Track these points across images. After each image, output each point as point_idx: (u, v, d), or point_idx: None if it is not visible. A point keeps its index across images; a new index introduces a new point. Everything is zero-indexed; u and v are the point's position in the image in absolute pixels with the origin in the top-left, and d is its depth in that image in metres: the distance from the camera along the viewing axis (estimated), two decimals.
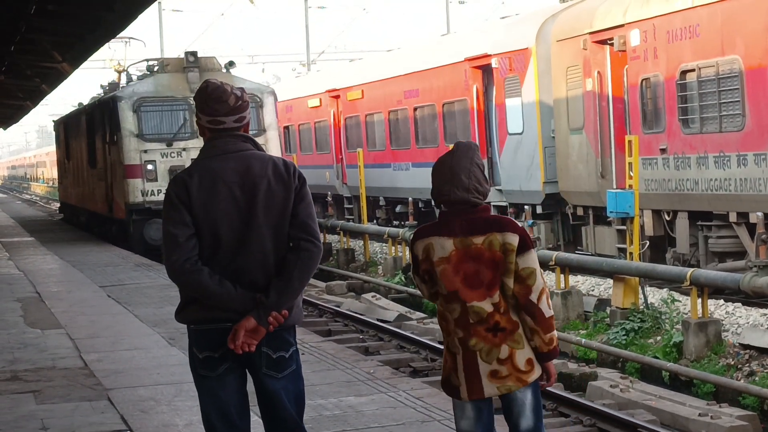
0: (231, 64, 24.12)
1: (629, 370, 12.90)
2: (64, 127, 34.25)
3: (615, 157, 17.72)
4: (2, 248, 23.85)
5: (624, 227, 16.04)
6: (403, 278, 20.68)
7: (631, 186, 15.26)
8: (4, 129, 54.00)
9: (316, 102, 31.86)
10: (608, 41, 17.57)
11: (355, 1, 68.48)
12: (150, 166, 22.73)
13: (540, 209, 19.74)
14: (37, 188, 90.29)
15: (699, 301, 12.99)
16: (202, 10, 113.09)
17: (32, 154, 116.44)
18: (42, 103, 40.24)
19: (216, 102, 4.66)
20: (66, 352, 10.57)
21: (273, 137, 23.37)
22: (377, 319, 16.08)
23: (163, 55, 28.17)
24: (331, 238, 26.37)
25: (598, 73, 17.88)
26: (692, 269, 13.25)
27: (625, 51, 17.11)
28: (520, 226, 4.75)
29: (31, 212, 47.43)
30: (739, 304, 14.55)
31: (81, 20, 17.47)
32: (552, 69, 19.24)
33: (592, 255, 17.72)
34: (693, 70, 15.58)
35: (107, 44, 21.52)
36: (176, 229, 4.57)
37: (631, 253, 15.25)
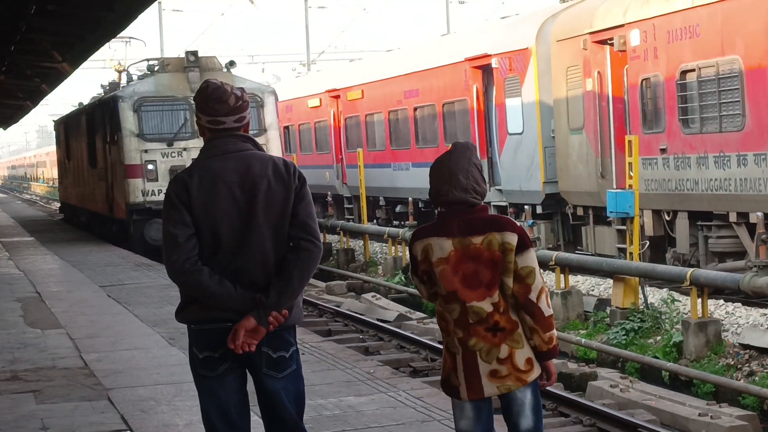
0: (231, 64, 24.09)
1: (629, 370, 12.90)
2: (65, 127, 34.24)
3: (615, 157, 17.72)
4: (2, 248, 23.85)
5: (624, 227, 16.04)
6: (403, 278, 20.68)
7: (631, 186, 15.26)
8: (4, 129, 54.02)
9: (316, 102, 31.86)
10: (608, 41, 17.58)
11: (355, 1, 68.50)
12: (150, 166, 22.72)
13: (540, 209, 19.74)
14: (37, 188, 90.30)
15: (699, 301, 12.98)
16: (202, 10, 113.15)
17: (32, 154, 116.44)
18: (42, 103, 40.26)
19: (216, 102, 4.66)
20: (66, 352, 10.57)
21: (274, 137, 23.36)
22: (377, 319, 16.08)
23: (164, 55, 28.15)
24: (331, 238, 26.37)
25: (598, 73, 17.88)
26: (692, 269, 13.25)
27: (625, 51, 17.12)
28: (518, 225, 4.76)
29: (31, 212, 47.44)
30: (739, 304, 14.55)
31: (81, 20, 17.47)
32: (552, 69, 19.24)
33: (592, 255, 17.72)
34: (693, 70, 15.59)
35: (107, 44, 21.52)
36: (176, 229, 4.57)
37: (631, 253, 15.25)
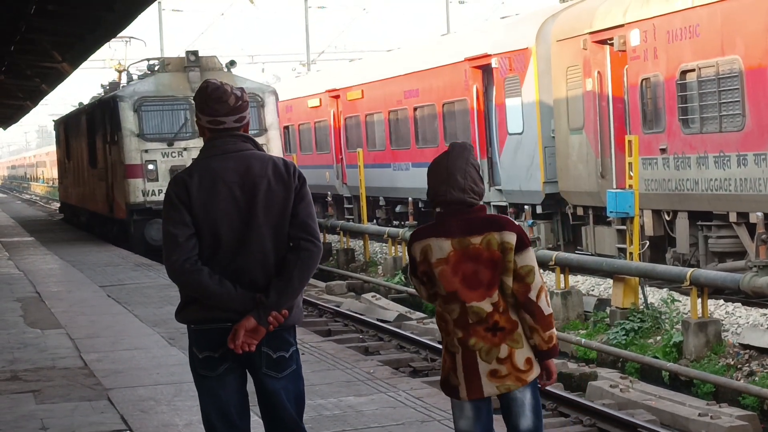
0: (232, 64, 24.04)
1: (629, 370, 12.90)
2: (65, 127, 34.23)
3: (615, 157, 17.73)
4: (2, 248, 23.85)
5: (624, 227, 16.04)
6: (403, 278, 20.68)
7: (631, 186, 15.26)
8: (4, 129, 54.02)
9: (316, 102, 31.86)
10: (608, 41, 17.58)
11: (355, 1, 68.55)
12: (151, 166, 22.70)
13: (540, 209, 19.74)
14: (37, 188, 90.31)
15: (699, 301, 12.98)
16: (202, 10, 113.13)
17: (32, 154, 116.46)
18: (42, 103, 40.27)
19: (216, 102, 4.66)
20: (66, 352, 10.57)
21: (274, 137, 23.34)
22: (377, 319, 16.08)
23: (164, 56, 28.13)
24: (331, 238, 26.36)
25: (598, 73, 17.88)
26: (692, 269, 13.25)
27: (625, 51, 17.12)
28: (516, 224, 4.76)
29: (31, 212, 47.43)
30: (739, 304, 14.55)
31: (81, 20, 17.47)
32: (552, 69, 19.24)
33: (592, 255, 17.72)
34: (693, 70, 15.59)
35: (107, 44, 21.51)
36: (176, 229, 4.57)
37: (631, 253, 15.25)
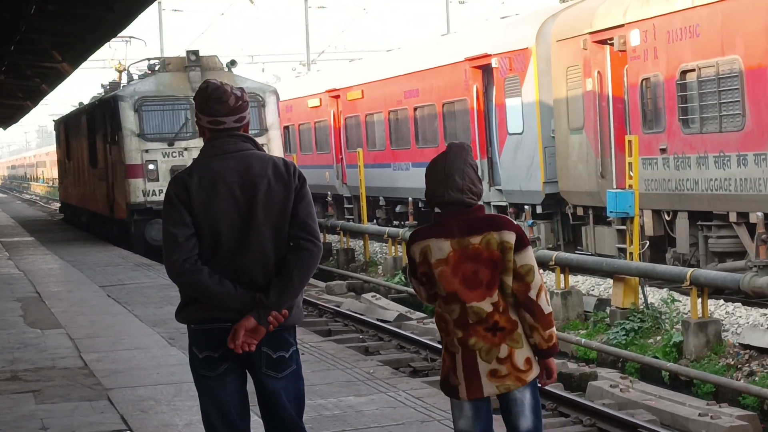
0: (233, 63, 23.99)
1: (629, 370, 12.90)
2: (65, 127, 34.21)
3: (615, 157, 17.73)
4: (2, 248, 23.85)
5: (624, 227, 16.04)
6: (403, 278, 20.68)
7: (631, 186, 15.26)
8: (4, 129, 54.04)
9: (316, 102, 31.86)
10: (608, 41, 17.58)
11: (355, 1, 68.54)
12: (151, 166, 22.67)
13: (540, 209, 19.74)
14: (37, 188, 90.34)
15: (699, 301, 12.98)
16: (202, 10, 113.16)
17: (32, 154, 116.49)
18: (42, 103, 40.28)
19: (216, 102, 4.66)
20: (66, 352, 10.57)
21: (275, 137, 23.31)
22: (377, 319, 16.08)
23: (164, 56, 28.12)
24: (331, 238, 26.36)
25: (598, 73, 17.88)
26: (692, 269, 13.25)
27: (625, 51, 17.12)
28: (515, 223, 4.76)
29: (31, 212, 47.44)
30: (739, 304, 14.55)
31: (81, 20, 17.48)
32: (552, 69, 19.24)
33: (592, 255, 17.72)
34: (693, 70, 15.59)
35: (107, 43, 21.50)
36: (176, 228, 4.57)
37: (631, 253, 15.25)
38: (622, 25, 17.09)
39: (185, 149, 22.67)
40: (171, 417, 7.74)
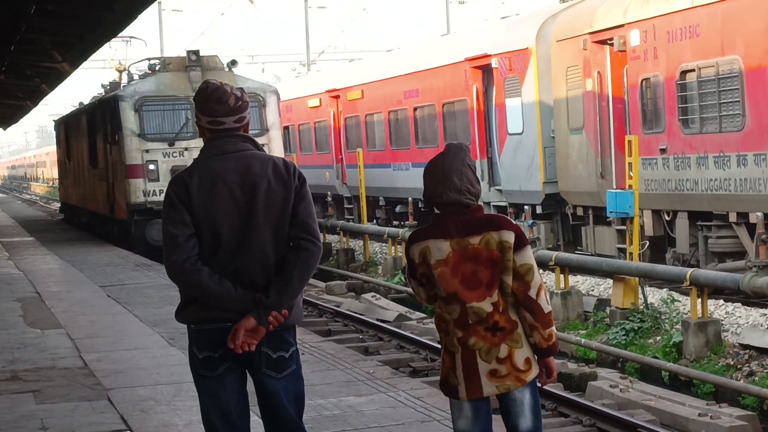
0: (233, 63, 23.94)
1: (629, 370, 12.90)
2: (65, 127, 34.20)
3: (615, 157, 17.73)
4: (2, 248, 23.85)
5: (624, 227, 16.04)
6: (402, 278, 20.67)
7: (630, 186, 15.26)
8: (4, 129, 54.03)
9: (315, 102, 31.86)
10: (608, 41, 17.58)
11: (355, 1, 68.55)
12: (152, 166, 22.65)
13: (540, 209, 19.74)
14: (37, 188, 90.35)
15: (699, 301, 12.99)
16: (202, 10, 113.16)
17: (32, 154, 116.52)
18: (42, 103, 40.26)
19: (216, 103, 4.66)
20: (66, 352, 10.57)
21: (276, 137, 23.27)
22: (377, 319, 16.08)
23: (164, 56, 28.11)
24: (331, 238, 26.36)
25: (598, 73, 17.88)
26: (692, 269, 13.25)
27: (625, 51, 17.12)
28: (514, 223, 4.77)
29: (31, 212, 47.43)
30: (739, 304, 14.55)
31: (81, 20, 17.48)
32: (552, 69, 19.24)
33: (591, 255, 17.72)
34: (693, 70, 15.59)
35: (108, 43, 21.49)
36: (176, 229, 4.58)
37: (630, 253, 15.26)
38: (622, 25, 17.09)
39: (186, 149, 22.65)
40: (171, 417, 7.74)
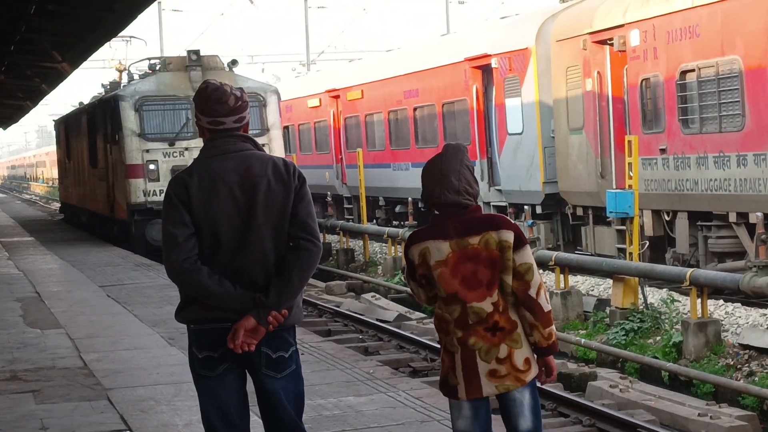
0: (234, 63, 23.90)
1: (629, 370, 12.90)
2: (65, 127, 34.19)
3: (615, 157, 17.73)
4: (2, 248, 23.84)
5: (624, 227, 16.05)
6: (402, 278, 20.68)
7: (630, 186, 15.26)
8: (3, 129, 54.03)
9: (315, 102, 31.86)
10: (608, 41, 17.58)
11: (355, 1, 68.57)
12: (152, 166, 22.63)
13: (540, 209, 19.74)
14: (37, 188, 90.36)
15: (698, 301, 12.99)
16: (202, 10, 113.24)
17: (32, 154, 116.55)
18: (42, 103, 40.26)
19: (216, 103, 4.66)
20: (65, 352, 10.57)
21: (276, 137, 23.24)
22: (377, 319, 16.08)
23: (164, 56, 28.11)
24: (330, 238, 26.36)
25: (598, 73, 17.88)
26: (692, 269, 13.25)
27: (624, 51, 17.12)
28: (512, 222, 4.78)
29: (31, 212, 47.43)
30: (739, 304, 14.55)
31: (81, 20, 17.48)
32: (552, 69, 19.24)
33: (591, 255, 17.72)
34: (693, 71, 15.59)
35: (108, 43, 21.48)
36: (176, 228, 4.58)
37: (630, 253, 15.26)
38: (621, 26, 17.09)
39: (186, 149, 22.62)
40: (171, 417, 7.74)
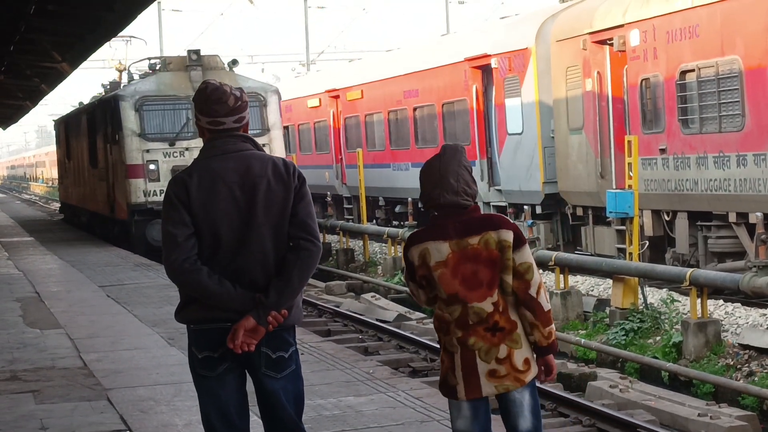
0: (234, 63, 23.87)
1: (629, 371, 12.90)
2: (65, 127, 34.18)
3: (614, 157, 17.73)
4: (2, 248, 23.84)
5: (623, 227, 16.05)
6: (402, 278, 20.68)
7: (630, 186, 15.27)
8: (3, 129, 54.02)
9: (315, 102, 31.86)
10: (608, 41, 17.58)
11: (355, 1, 68.58)
12: (152, 166, 22.62)
13: (539, 209, 19.74)
14: (37, 188, 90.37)
15: (698, 301, 12.99)
16: (201, 10, 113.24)
17: (32, 154, 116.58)
18: (41, 103, 40.28)
19: (215, 103, 4.66)
20: (65, 352, 10.57)
21: (277, 137, 23.21)
22: (376, 319, 16.08)
23: (164, 56, 28.10)
24: (330, 238, 26.36)
25: (598, 73, 17.88)
26: (692, 269, 13.25)
27: (624, 51, 17.12)
28: (511, 222, 4.78)
29: (31, 212, 47.43)
30: (739, 305, 14.55)
31: (81, 20, 17.48)
32: (552, 69, 19.24)
33: (591, 255, 17.72)
34: (693, 71, 15.59)
35: (108, 43, 21.47)
36: (175, 228, 4.58)
37: (630, 254, 15.26)
38: (621, 26, 17.09)
39: (186, 149, 22.60)
40: (171, 417, 7.74)
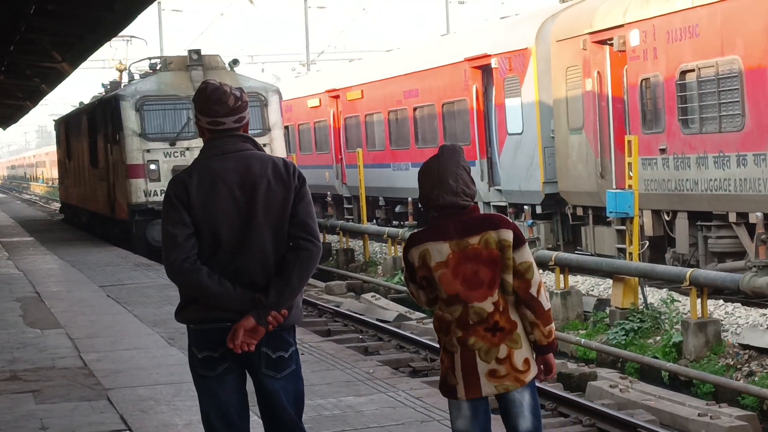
0: (235, 63, 23.83)
1: (629, 370, 12.90)
2: (65, 127, 34.17)
3: (615, 157, 17.73)
4: (2, 248, 23.84)
5: (623, 227, 16.05)
6: (402, 278, 20.64)
7: (630, 186, 15.27)
8: (3, 129, 54.02)
9: (315, 102, 31.86)
10: (608, 41, 17.58)
11: (355, 1, 68.59)
12: (153, 166, 22.60)
13: (539, 209, 19.74)
14: (37, 188, 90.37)
15: (698, 301, 12.99)
16: (201, 10, 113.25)
17: (32, 154, 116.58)
18: (42, 103, 40.26)
19: (215, 103, 4.66)
20: (65, 352, 10.57)
21: (278, 137, 23.18)
22: (377, 319, 16.08)
23: (164, 55, 28.09)
24: (330, 238, 26.36)
25: (598, 73, 17.89)
26: (692, 269, 13.25)
27: (624, 51, 17.12)
28: (511, 221, 4.79)
29: (31, 212, 47.43)
30: (739, 304, 14.55)
31: (81, 20, 17.48)
32: (552, 69, 19.24)
33: (591, 255, 17.73)
34: (693, 71, 15.59)
35: (108, 43, 21.46)
36: (175, 228, 4.58)
37: (630, 253, 15.26)
38: (621, 26, 17.09)
39: (187, 149, 22.57)
40: (171, 417, 7.74)
